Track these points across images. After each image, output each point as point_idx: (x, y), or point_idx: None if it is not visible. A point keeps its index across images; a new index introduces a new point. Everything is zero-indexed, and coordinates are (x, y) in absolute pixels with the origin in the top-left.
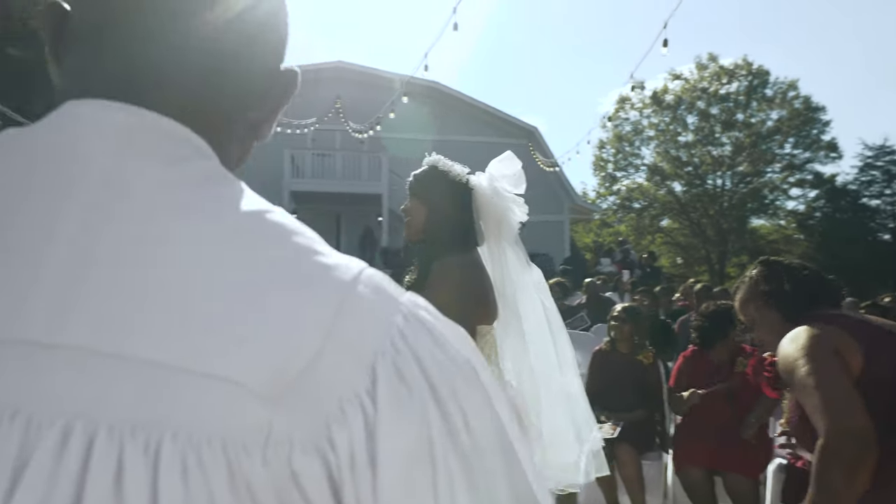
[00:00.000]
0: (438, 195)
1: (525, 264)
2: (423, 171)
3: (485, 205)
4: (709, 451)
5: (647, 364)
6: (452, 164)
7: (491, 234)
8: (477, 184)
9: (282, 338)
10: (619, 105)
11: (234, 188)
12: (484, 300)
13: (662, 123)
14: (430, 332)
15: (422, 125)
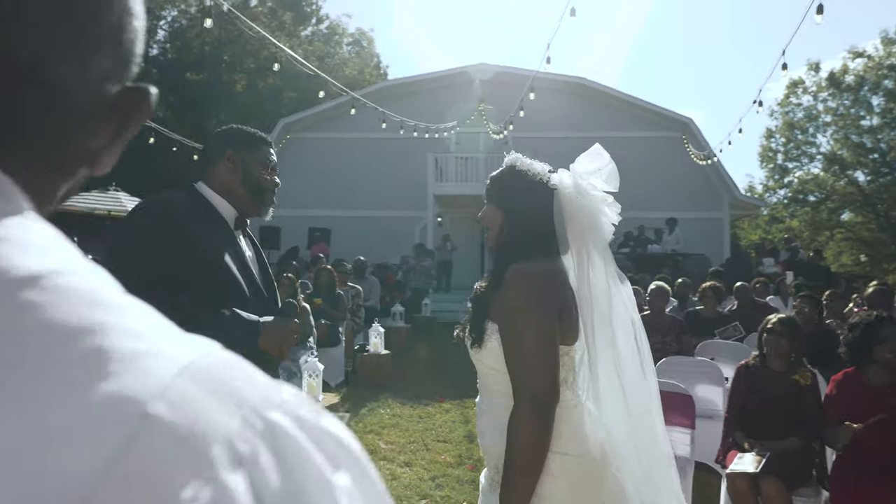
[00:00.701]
0: (515, 198)
1: (615, 276)
2: (499, 173)
3: (568, 206)
4: (871, 493)
5: (804, 385)
6: (532, 163)
7: (577, 240)
8: (559, 182)
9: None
10: (789, 90)
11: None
12: (564, 314)
13: (842, 107)
14: (283, 449)
15: (569, 123)
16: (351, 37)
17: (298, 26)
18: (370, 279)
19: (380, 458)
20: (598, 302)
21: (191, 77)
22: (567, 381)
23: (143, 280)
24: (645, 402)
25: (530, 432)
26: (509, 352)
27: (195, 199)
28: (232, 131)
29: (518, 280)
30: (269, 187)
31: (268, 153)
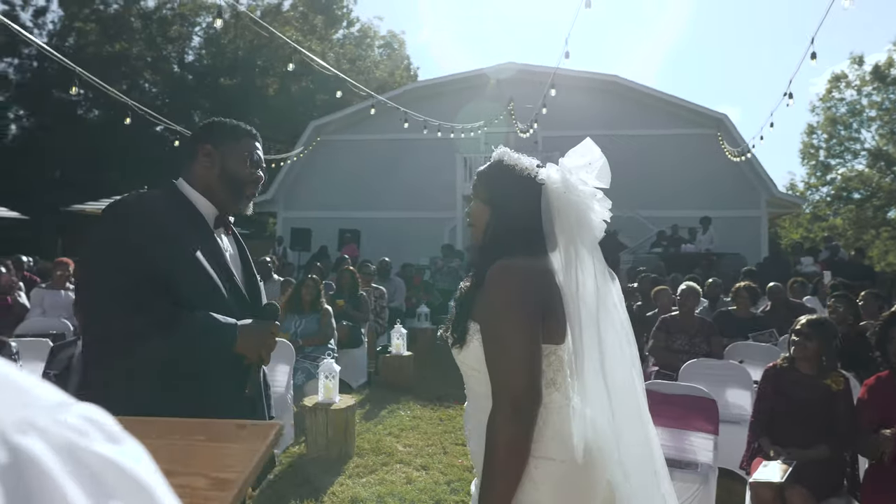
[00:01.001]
0: (502, 193)
1: (605, 274)
2: (485, 168)
3: (556, 201)
4: None
5: (836, 390)
6: (519, 157)
7: (565, 237)
8: (546, 177)
9: None
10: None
11: None
12: (550, 313)
13: (887, 101)
14: (28, 482)
15: (602, 121)
16: (382, 39)
17: (329, 29)
18: (395, 280)
19: (396, 460)
20: (586, 301)
21: (224, 82)
22: (555, 382)
23: (113, 281)
24: (634, 406)
25: (508, 436)
26: (488, 351)
27: (172, 197)
28: (211, 125)
29: (500, 277)
30: (249, 181)
31: (249, 145)
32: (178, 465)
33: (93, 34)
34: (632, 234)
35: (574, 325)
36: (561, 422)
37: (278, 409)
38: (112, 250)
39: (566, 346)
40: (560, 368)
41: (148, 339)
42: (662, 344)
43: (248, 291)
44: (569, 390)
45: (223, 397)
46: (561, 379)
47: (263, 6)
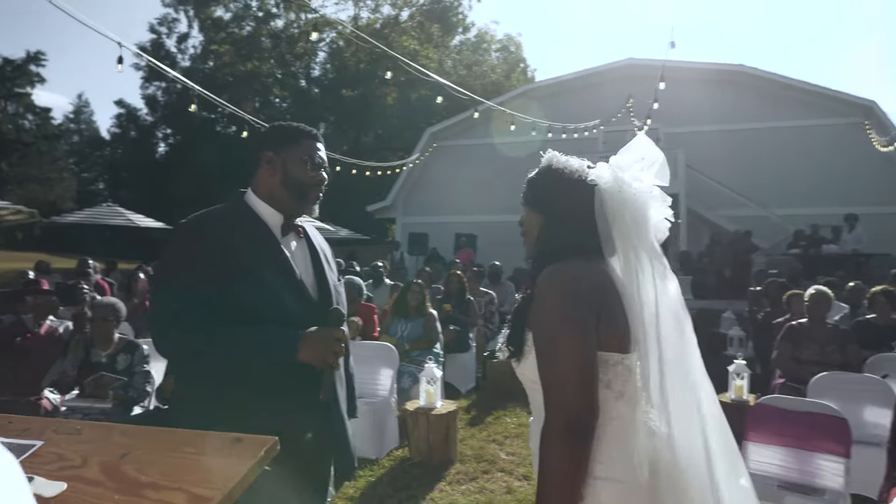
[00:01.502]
0: (552, 199)
1: (662, 274)
2: (534, 174)
3: (609, 202)
4: None
5: None
6: (568, 160)
7: (623, 240)
8: (597, 178)
9: None
10: None
11: None
12: (608, 318)
13: None
14: None
15: (728, 114)
16: (499, 43)
17: (446, 36)
18: (506, 284)
19: (498, 469)
20: (649, 306)
21: (347, 93)
22: (624, 395)
23: (170, 300)
24: (694, 424)
25: (562, 453)
26: (539, 361)
27: (236, 210)
28: (269, 131)
29: (549, 282)
30: (311, 184)
31: (309, 147)
32: (164, 478)
33: (227, 55)
34: (765, 234)
35: (639, 331)
36: (629, 439)
37: (381, 412)
38: (173, 271)
39: (635, 354)
40: (629, 379)
41: (203, 356)
42: (788, 354)
43: (320, 294)
44: (641, 403)
45: (295, 403)
46: (631, 390)
47: (383, 18)
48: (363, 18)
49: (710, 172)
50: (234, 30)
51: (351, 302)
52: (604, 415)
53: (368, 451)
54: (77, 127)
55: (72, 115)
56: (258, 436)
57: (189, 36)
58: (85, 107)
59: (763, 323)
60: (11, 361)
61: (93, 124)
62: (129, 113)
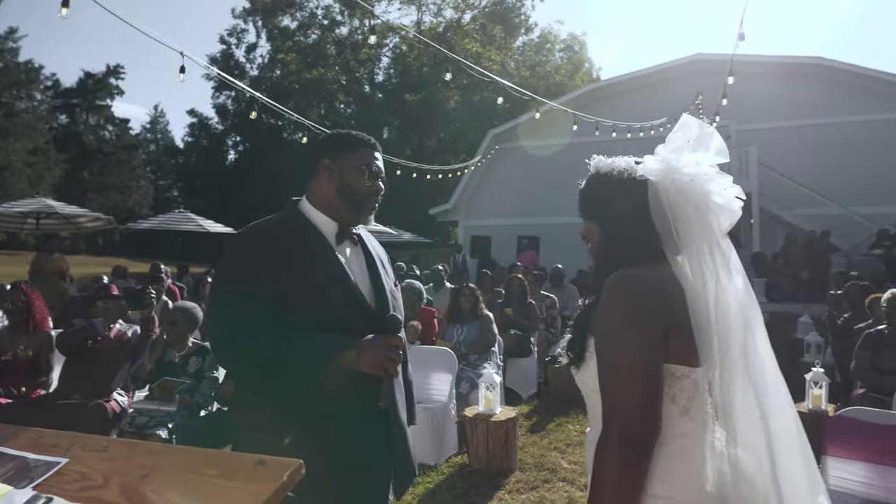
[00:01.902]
0: (605, 207)
1: (733, 271)
2: (583, 185)
3: (665, 194)
4: None
5: None
6: (614, 161)
7: (687, 234)
8: (646, 171)
9: None
10: None
11: None
12: (676, 329)
13: None
14: None
15: (806, 110)
16: (563, 43)
17: (509, 38)
18: (568, 287)
19: (559, 478)
20: (718, 307)
21: (410, 98)
22: (689, 411)
23: (236, 309)
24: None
25: (617, 466)
26: (599, 370)
27: (292, 219)
28: (327, 138)
29: (613, 288)
30: (368, 193)
31: (367, 156)
32: (182, 502)
33: (293, 64)
34: (845, 234)
35: (707, 341)
36: (693, 458)
37: (440, 418)
38: (231, 279)
39: (703, 369)
40: (695, 395)
41: (262, 365)
42: (868, 364)
43: (376, 301)
44: (708, 421)
45: (355, 411)
46: (697, 408)
47: (445, 22)
48: (426, 23)
49: (785, 170)
50: (300, 38)
51: (410, 306)
52: (667, 431)
53: (427, 457)
54: (153, 136)
55: (148, 126)
56: (282, 458)
57: (257, 46)
58: (161, 117)
59: (843, 328)
60: (82, 364)
61: (168, 134)
62: (201, 122)
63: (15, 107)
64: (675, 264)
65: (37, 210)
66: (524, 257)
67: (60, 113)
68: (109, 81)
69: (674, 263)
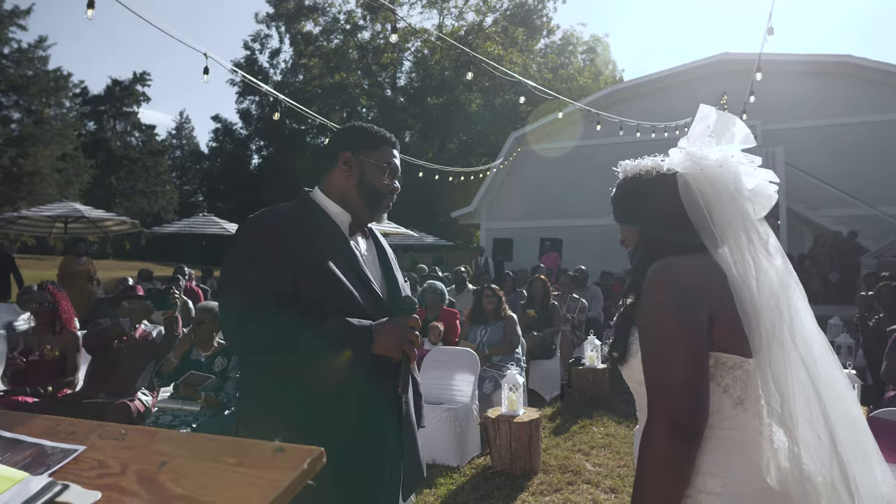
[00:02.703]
0: (638, 207)
1: (773, 254)
2: (615, 191)
3: (695, 184)
4: None
5: None
6: (639, 162)
7: (724, 224)
8: (672, 165)
9: None
10: None
11: None
12: (722, 317)
13: None
14: None
15: (834, 108)
16: (585, 45)
17: (530, 40)
18: (592, 289)
19: (583, 480)
20: (765, 296)
21: (431, 101)
22: (743, 402)
23: (248, 296)
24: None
25: (663, 457)
26: (644, 360)
27: (304, 207)
28: (349, 130)
29: (655, 279)
30: (386, 191)
31: (387, 154)
32: (199, 491)
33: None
34: (874, 234)
35: (755, 331)
36: (750, 452)
37: (462, 419)
38: (242, 265)
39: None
40: (749, 386)
41: (277, 349)
42: None
43: (389, 293)
44: (763, 414)
45: (373, 398)
46: (752, 399)
47: (467, 25)
48: (447, 26)
49: (812, 170)
50: (322, 43)
51: (433, 307)
52: (720, 423)
53: (449, 459)
54: (179, 142)
55: (174, 132)
56: (302, 446)
57: (280, 51)
58: (186, 123)
59: (875, 330)
60: (107, 364)
61: (193, 139)
62: (226, 127)
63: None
64: (717, 254)
65: (65, 214)
66: (547, 259)
67: (88, 120)
68: (136, 88)
69: (715, 254)
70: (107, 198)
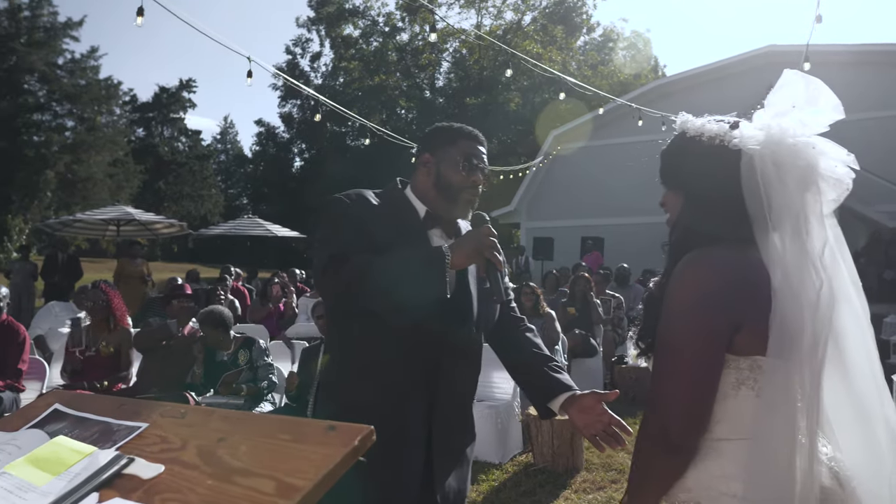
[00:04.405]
0: (689, 173)
1: (838, 253)
2: (667, 147)
3: (760, 165)
4: None
5: None
6: (705, 123)
7: (783, 212)
8: (740, 138)
9: None
10: None
11: None
12: (756, 322)
13: None
14: None
15: (878, 100)
16: (626, 41)
17: (570, 38)
18: (635, 287)
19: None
20: (823, 296)
21: (470, 101)
22: (772, 406)
23: (335, 246)
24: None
25: (648, 464)
26: (658, 356)
27: (391, 193)
28: (429, 133)
29: (684, 276)
30: (463, 184)
31: (465, 147)
32: (256, 465)
33: (356, 71)
34: None
35: (796, 337)
36: (776, 458)
37: (504, 416)
38: (325, 227)
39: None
40: (780, 390)
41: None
42: None
43: (457, 294)
44: (797, 419)
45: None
46: (782, 403)
47: (506, 24)
48: (485, 26)
49: (865, 163)
50: (362, 46)
51: None
52: (740, 428)
53: (491, 456)
54: (223, 147)
55: (219, 136)
56: (353, 424)
57: (321, 55)
58: (230, 128)
59: None
60: (158, 361)
61: (237, 144)
62: (268, 131)
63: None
64: (764, 246)
65: (117, 217)
66: (589, 258)
67: (138, 126)
68: (182, 95)
69: (762, 245)
70: (156, 201)
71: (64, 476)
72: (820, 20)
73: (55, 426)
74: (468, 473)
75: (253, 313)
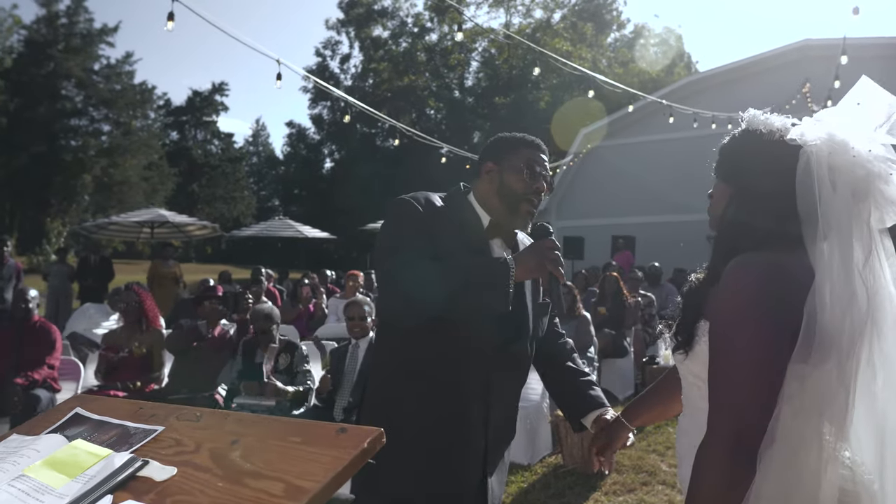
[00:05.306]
0: (744, 167)
1: (886, 267)
2: (727, 140)
3: (818, 170)
4: None
5: None
6: (769, 118)
7: (834, 217)
8: (800, 136)
9: None
10: None
11: None
12: (805, 326)
13: None
14: None
15: None
16: (657, 37)
17: (600, 35)
18: (666, 286)
19: (659, 481)
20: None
21: (499, 100)
22: (799, 414)
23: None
24: None
25: (723, 478)
26: (713, 365)
27: (456, 199)
28: (493, 142)
29: (738, 276)
30: (524, 194)
31: (527, 156)
32: (267, 467)
33: (385, 72)
34: None
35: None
36: (807, 466)
37: (533, 417)
38: (389, 229)
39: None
40: (811, 397)
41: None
42: None
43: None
44: (823, 427)
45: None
46: (810, 411)
47: (535, 23)
48: (514, 24)
49: None
50: (391, 47)
51: None
52: (771, 430)
53: (520, 457)
54: (255, 149)
55: (251, 139)
56: (364, 427)
57: (350, 56)
58: (262, 130)
59: None
60: (189, 362)
61: (269, 146)
62: (299, 133)
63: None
64: (812, 250)
65: (151, 220)
66: (620, 258)
67: (171, 130)
68: (215, 98)
69: (810, 249)
70: (189, 204)
71: (80, 479)
72: (857, 12)
73: (75, 430)
74: (505, 476)
75: (284, 314)
